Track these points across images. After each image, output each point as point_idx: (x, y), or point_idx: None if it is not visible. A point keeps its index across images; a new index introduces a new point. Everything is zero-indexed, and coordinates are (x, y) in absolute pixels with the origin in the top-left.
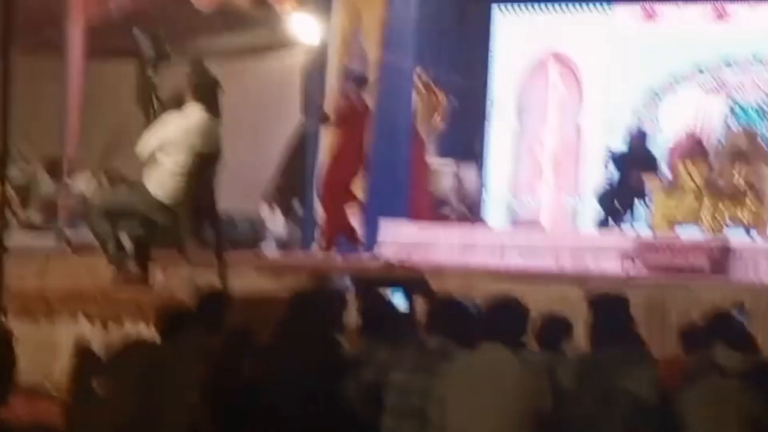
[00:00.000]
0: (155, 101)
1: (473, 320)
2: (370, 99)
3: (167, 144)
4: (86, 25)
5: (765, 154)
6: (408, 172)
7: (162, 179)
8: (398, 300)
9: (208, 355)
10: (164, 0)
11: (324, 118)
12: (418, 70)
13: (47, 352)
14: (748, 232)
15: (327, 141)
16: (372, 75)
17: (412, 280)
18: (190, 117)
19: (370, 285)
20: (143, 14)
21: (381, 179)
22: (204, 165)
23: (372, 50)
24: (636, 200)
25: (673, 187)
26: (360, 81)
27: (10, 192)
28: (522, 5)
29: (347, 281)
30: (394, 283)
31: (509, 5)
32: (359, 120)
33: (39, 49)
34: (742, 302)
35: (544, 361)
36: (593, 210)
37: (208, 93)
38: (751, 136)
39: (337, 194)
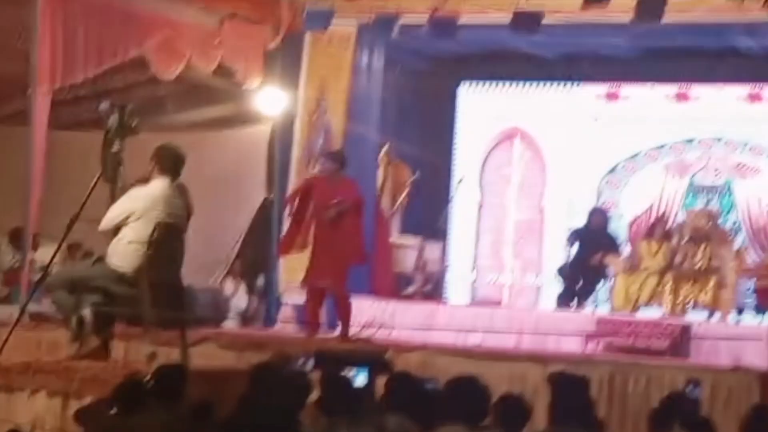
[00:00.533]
0: (120, 175)
1: (433, 399)
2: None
3: (131, 216)
4: (52, 96)
5: (726, 235)
6: (371, 248)
7: (124, 251)
8: (359, 377)
9: (168, 429)
10: (131, 74)
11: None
12: (385, 147)
13: (4, 425)
14: (710, 314)
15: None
16: (335, 147)
17: (373, 358)
18: (155, 188)
19: (331, 361)
20: (110, 86)
21: None
22: (167, 236)
23: (337, 123)
24: (597, 280)
25: (634, 267)
26: (339, 159)
27: None
28: (487, 82)
29: (309, 357)
30: (355, 360)
31: (475, 81)
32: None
33: (3, 118)
34: (697, 379)
35: None
36: (555, 289)
37: (173, 167)
38: (712, 217)
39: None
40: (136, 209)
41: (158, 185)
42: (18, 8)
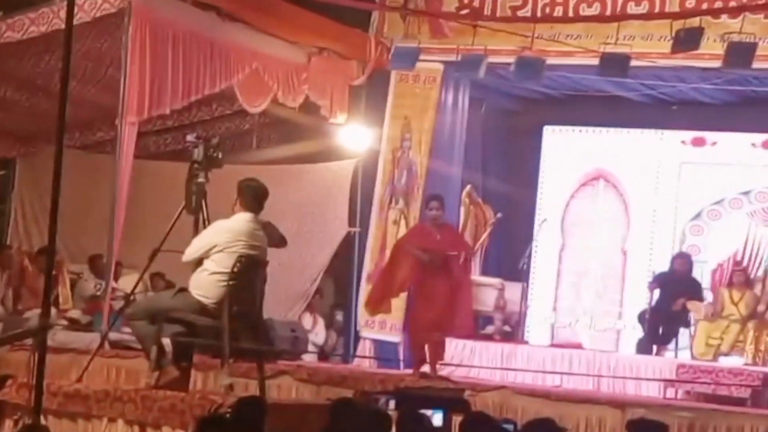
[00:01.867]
0: (204, 207)
1: None
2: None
3: (213, 249)
4: (139, 126)
5: None
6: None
7: (207, 282)
8: (436, 416)
9: None
10: (217, 106)
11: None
12: (468, 187)
13: None
14: None
15: (372, 253)
16: (419, 185)
17: (451, 397)
18: (237, 223)
19: (410, 399)
20: (196, 118)
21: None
22: (249, 269)
23: (420, 161)
24: (679, 326)
25: (716, 315)
26: (445, 205)
27: (60, 290)
28: (573, 124)
29: (388, 394)
30: (433, 399)
31: (560, 123)
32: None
33: (91, 146)
34: None
35: None
36: (636, 333)
37: (255, 202)
38: None
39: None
40: (219, 242)
41: (241, 219)
42: (109, 37)
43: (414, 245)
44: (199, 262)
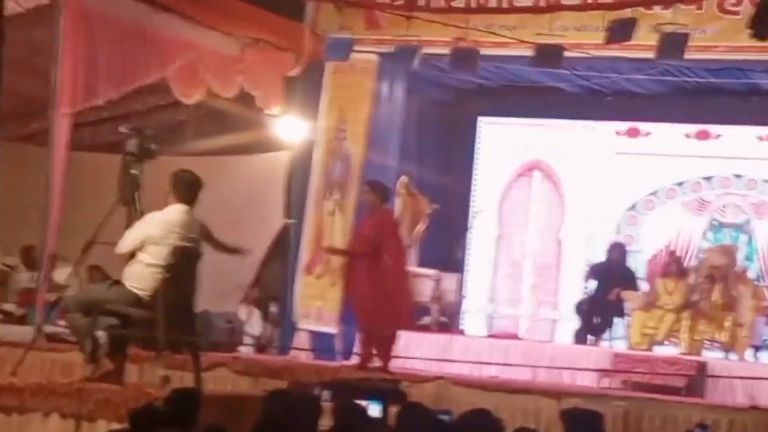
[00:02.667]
0: (137, 198)
1: (447, 431)
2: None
3: (147, 240)
4: (73, 117)
5: (743, 273)
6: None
7: (141, 274)
8: (373, 408)
9: None
10: (151, 97)
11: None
12: (404, 177)
13: None
14: (726, 354)
15: (308, 244)
16: (355, 176)
17: (388, 389)
18: (171, 214)
19: (346, 392)
20: (130, 109)
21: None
22: (184, 261)
23: (356, 151)
24: (614, 315)
25: (651, 304)
26: (380, 189)
27: None
28: (508, 115)
29: (324, 386)
30: (369, 391)
31: (496, 114)
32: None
33: (24, 138)
34: (705, 423)
35: None
36: (572, 323)
37: (190, 193)
38: (730, 255)
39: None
40: (152, 234)
41: (175, 210)
42: (41, 27)
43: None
44: (132, 255)
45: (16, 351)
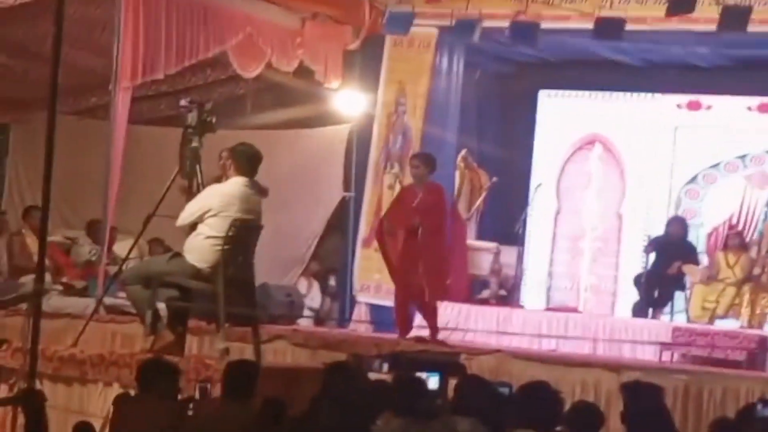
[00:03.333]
0: (199, 171)
1: (505, 404)
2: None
3: (207, 213)
4: (133, 91)
5: None
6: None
7: (201, 247)
8: (432, 380)
9: (241, 424)
10: (211, 72)
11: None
12: (463, 151)
13: (77, 417)
14: None
15: (367, 217)
16: (414, 149)
17: (447, 361)
18: (231, 187)
19: (405, 363)
20: (190, 83)
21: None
22: (243, 233)
23: (415, 125)
24: (675, 289)
25: (712, 278)
26: (429, 163)
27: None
28: (568, 88)
29: (383, 359)
30: (428, 363)
31: (555, 87)
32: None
33: (84, 111)
34: (767, 398)
35: None
36: (631, 297)
37: (249, 167)
38: None
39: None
40: (213, 206)
41: (235, 183)
42: (102, 3)
43: (389, 217)
44: (193, 227)
45: (76, 322)
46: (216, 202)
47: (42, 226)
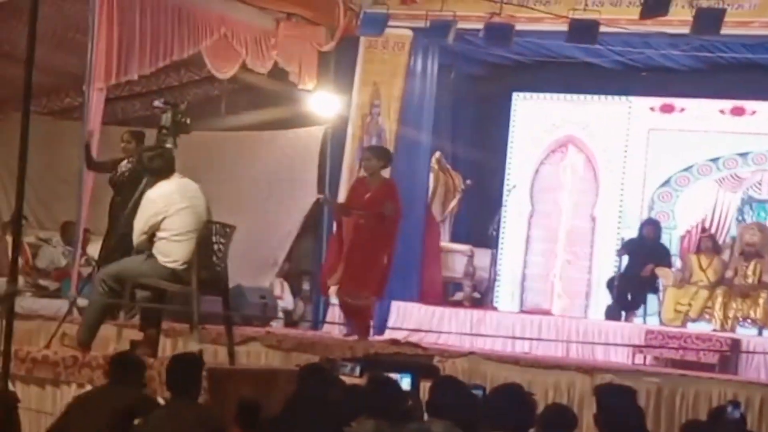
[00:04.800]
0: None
1: (478, 406)
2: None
3: (159, 220)
4: (107, 92)
5: None
6: (421, 254)
7: (167, 248)
8: (405, 381)
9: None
10: (186, 72)
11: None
12: (437, 153)
13: (50, 419)
14: (760, 331)
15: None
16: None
17: (421, 363)
18: (163, 186)
19: (378, 365)
20: (164, 84)
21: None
22: (198, 220)
23: (390, 127)
24: (647, 292)
25: (684, 281)
26: (381, 156)
27: (25, 257)
28: (542, 90)
29: (356, 360)
30: (402, 365)
31: (529, 89)
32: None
33: (58, 112)
34: (737, 401)
35: None
36: (604, 299)
37: (168, 166)
38: (764, 232)
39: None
40: (159, 210)
41: (165, 182)
42: (75, 3)
43: (345, 205)
44: (151, 237)
45: (49, 324)
46: (161, 206)
47: (15, 227)
